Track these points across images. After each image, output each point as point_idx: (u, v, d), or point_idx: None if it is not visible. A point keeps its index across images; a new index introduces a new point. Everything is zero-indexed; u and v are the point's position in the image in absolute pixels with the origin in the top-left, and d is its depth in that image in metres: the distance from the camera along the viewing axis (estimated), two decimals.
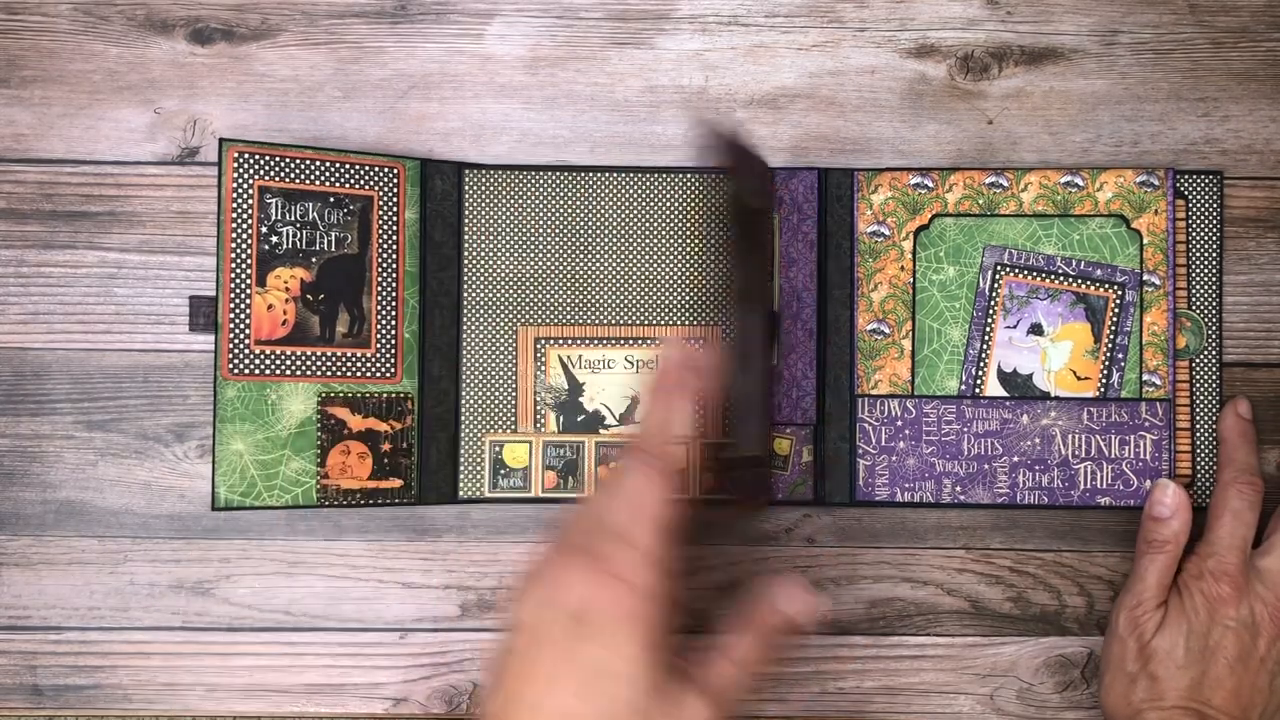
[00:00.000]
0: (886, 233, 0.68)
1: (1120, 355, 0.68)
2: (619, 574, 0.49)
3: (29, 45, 0.70)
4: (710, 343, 0.67)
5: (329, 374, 0.66)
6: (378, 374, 0.67)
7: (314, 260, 0.66)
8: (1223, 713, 0.62)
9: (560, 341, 0.69)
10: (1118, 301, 0.68)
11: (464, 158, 0.70)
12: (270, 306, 0.65)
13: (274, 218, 0.65)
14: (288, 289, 0.65)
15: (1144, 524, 0.67)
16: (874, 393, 0.68)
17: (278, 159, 0.65)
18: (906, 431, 0.68)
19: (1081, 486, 0.68)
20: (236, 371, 0.64)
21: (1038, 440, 0.68)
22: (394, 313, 0.67)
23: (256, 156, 0.64)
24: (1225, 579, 0.63)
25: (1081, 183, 0.68)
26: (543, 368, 0.69)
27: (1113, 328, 0.68)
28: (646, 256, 0.70)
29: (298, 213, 0.65)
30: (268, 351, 0.65)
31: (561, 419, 0.69)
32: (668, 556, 0.51)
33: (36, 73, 0.70)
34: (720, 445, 0.67)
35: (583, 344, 0.69)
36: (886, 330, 0.68)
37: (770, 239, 0.67)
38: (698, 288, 0.70)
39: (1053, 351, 0.68)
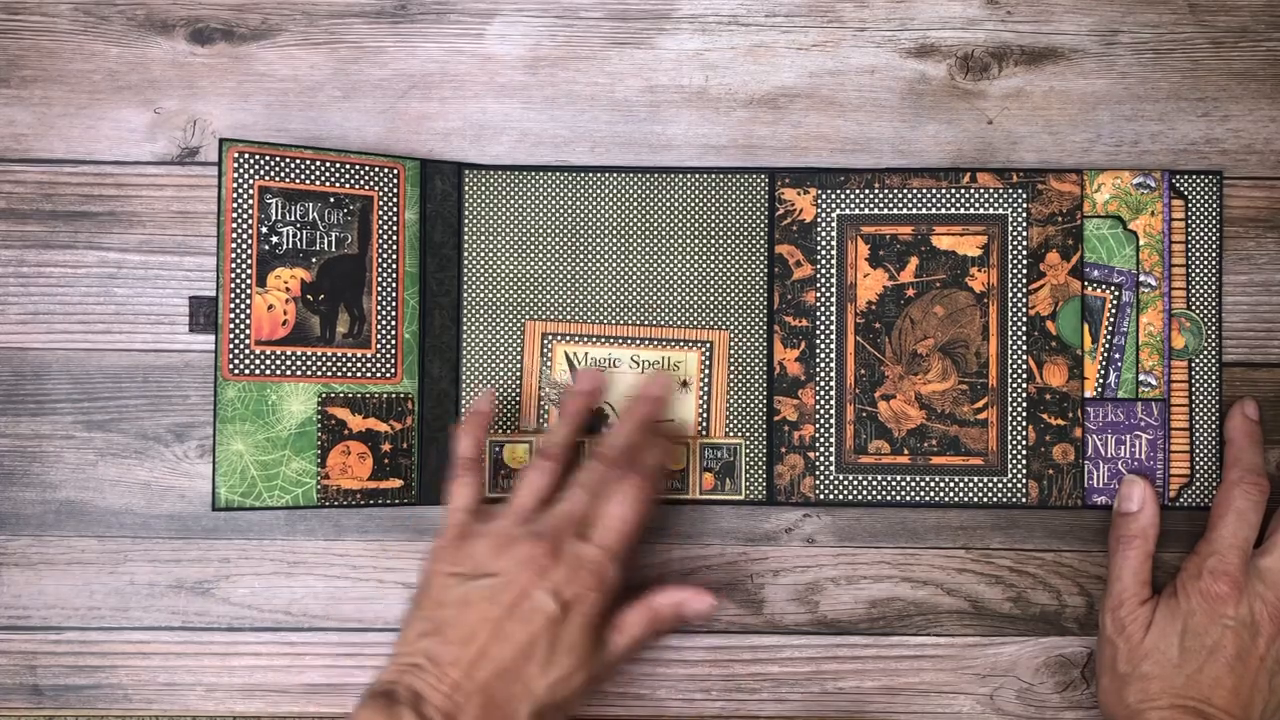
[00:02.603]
0: None
1: (1117, 356, 0.68)
2: (601, 581, 0.61)
3: (29, 45, 0.70)
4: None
5: (329, 374, 0.66)
6: (378, 374, 0.67)
7: (314, 260, 0.66)
8: (1224, 712, 0.62)
9: (567, 338, 0.69)
10: (1114, 302, 0.68)
11: (464, 158, 0.70)
12: (270, 307, 0.65)
13: (274, 218, 0.65)
14: (288, 289, 0.65)
15: (1114, 521, 0.67)
16: None
17: (278, 159, 0.65)
18: None
19: (1080, 486, 0.68)
20: (237, 372, 0.64)
21: None
22: (394, 313, 0.67)
23: (256, 156, 0.64)
24: (1225, 578, 0.63)
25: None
26: (548, 363, 0.69)
27: (1110, 328, 0.68)
28: (647, 257, 0.70)
29: (298, 213, 0.65)
30: (268, 352, 0.65)
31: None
32: (628, 557, 0.63)
33: (36, 73, 0.70)
34: None
35: (590, 341, 0.69)
36: None
37: None
38: (698, 288, 0.70)
39: None
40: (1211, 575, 0.63)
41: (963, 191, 0.69)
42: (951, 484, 0.69)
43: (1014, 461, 0.69)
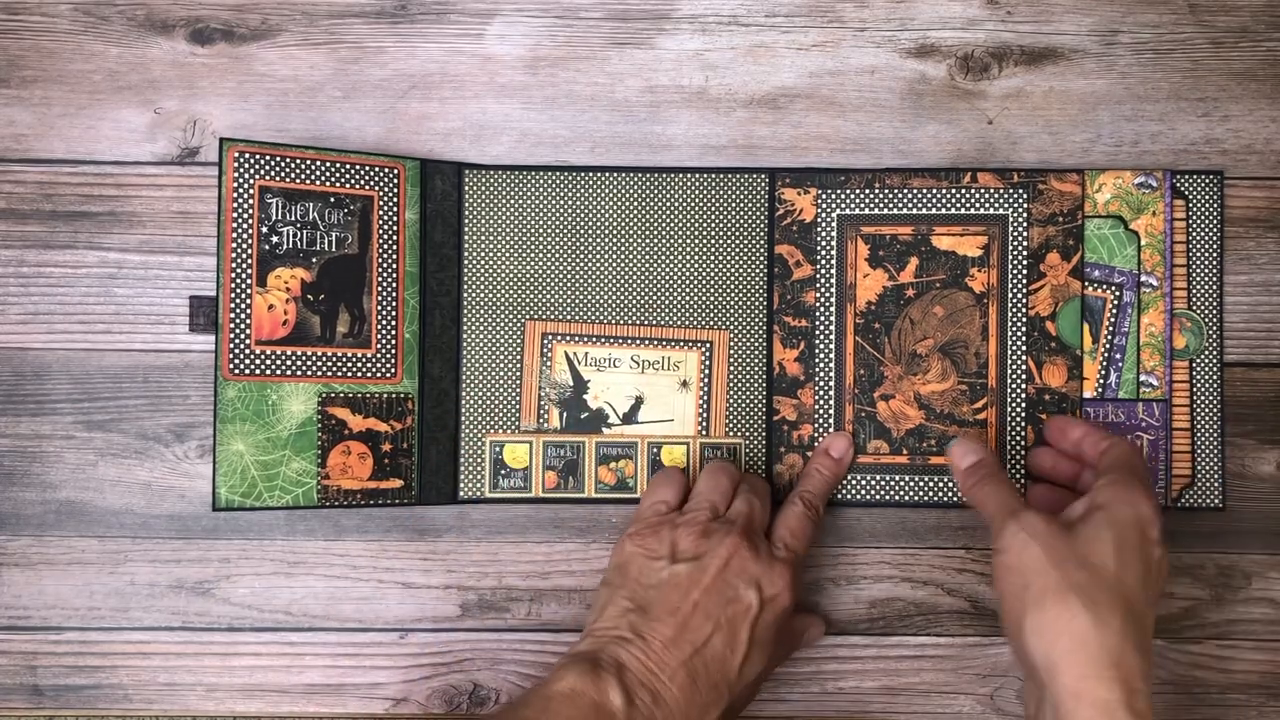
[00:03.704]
0: None
1: (1118, 356, 0.68)
2: (792, 585, 0.62)
3: (29, 45, 0.70)
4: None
5: (329, 374, 0.66)
6: (378, 374, 0.67)
7: (314, 260, 0.66)
8: None
9: (567, 338, 0.69)
10: (1115, 302, 0.68)
11: (464, 158, 0.70)
12: (271, 306, 0.65)
13: (274, 218, 0.65)
14: (288, 289, 0.65)
15: (962, 478, 0.65)
16: None
17: (278, 159, 0.65)
18: None
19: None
20: (237, 372, 0.64)
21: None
22: (394, 313, 0.67)
23: (257, 156, 0.64)
24: None
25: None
26: (548, 363, 0.69)
27: (1110, 328, 0.68)
28: (646, 256, 0.70)
29: (298, 213, 0.65)
30: (268, 352, 0.65)
31: (565, 415, 0.69)
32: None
33: (36, 73, 0.70)
34: None
35: (590, 341, 0.69)
36: None
37: None
38: (697, 288, 0.70)
39: None
40: None
41: (963, 192, 0.69)
42: (950, 484, 0.69)
43: (1013, 462, 0.69)
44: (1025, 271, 0.69)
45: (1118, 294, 0.68)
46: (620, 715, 0.56)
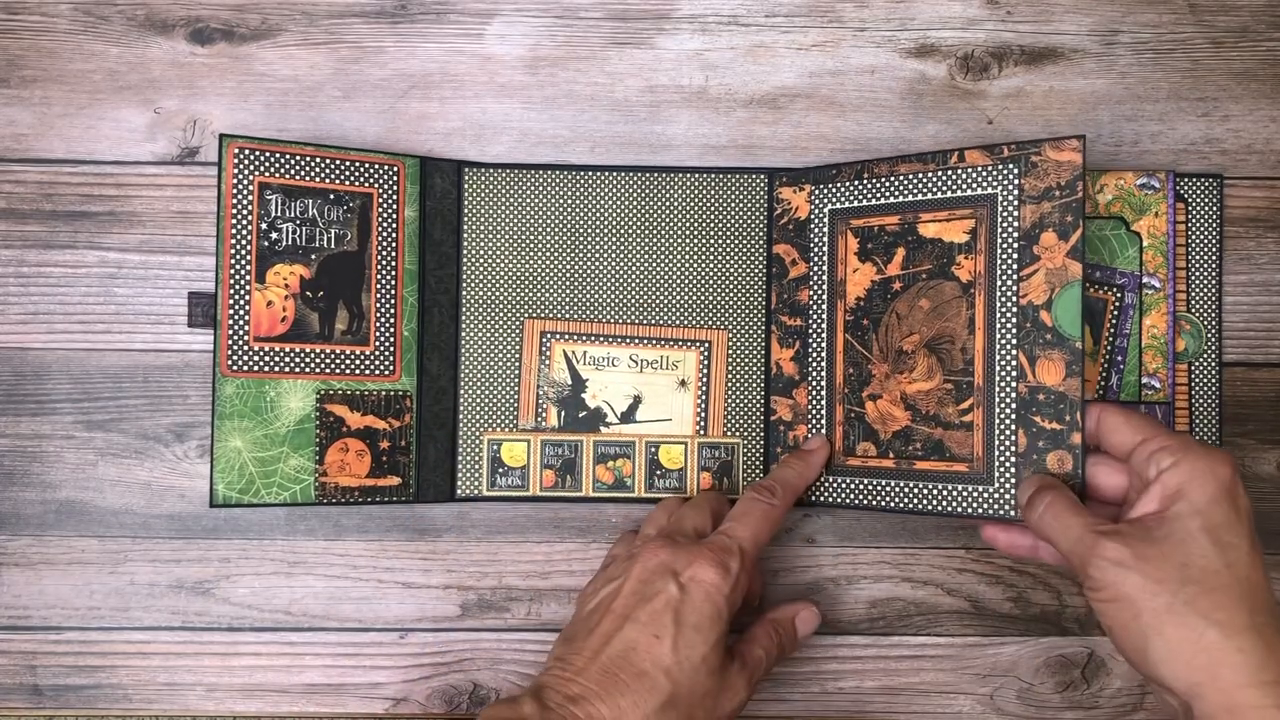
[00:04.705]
0: None
1: (1119, 358, 0.68)
2: (722, 563, 0.61)
3: (29, 45, 0.70)
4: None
5: (328, 371, 0.66)
6: (377, 371, 0.67)
7: (313, 257, 0.66)
8: None
9: (566, 336, 0.69)
10: (1117, 304, 0.68)
11: (464, 157, 0.70)
12: (269, 303, 0.65)
13: (274, 214, 0.65)
14: (287, 286, 0.65)
15: (1029, 512, 0.60)
16: None
17: (278, 155, 0.65)
18: None
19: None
20: (235, 368, 0.64)
21: None
22: (393, 310, 0.67)
23: (257, 152, 0.64)
24: None
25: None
26: (547, 361, 0.69)
27: (1111, 330, 0.68)
28: (646, 256, 0.70)
29: (297, 209, 0.65)
30: (267, 348, 0.65)
31: (563, 414, 0.69)
32: (754, 567, 0.64)
33: (36, 73, 0.70)
34: None
35: (589, 340, 0.69)
36: None
37: None
38: (696, 288, 0.70)
39: None
40: None
41: (950, 173, 0.64)
42: (936, 491, 0.64)
43: (1002, 470, 0.62)
44: (1016, 255, 0.62)
45: (1119, 295, 0.68)
46: (535, 718, 0.56)
